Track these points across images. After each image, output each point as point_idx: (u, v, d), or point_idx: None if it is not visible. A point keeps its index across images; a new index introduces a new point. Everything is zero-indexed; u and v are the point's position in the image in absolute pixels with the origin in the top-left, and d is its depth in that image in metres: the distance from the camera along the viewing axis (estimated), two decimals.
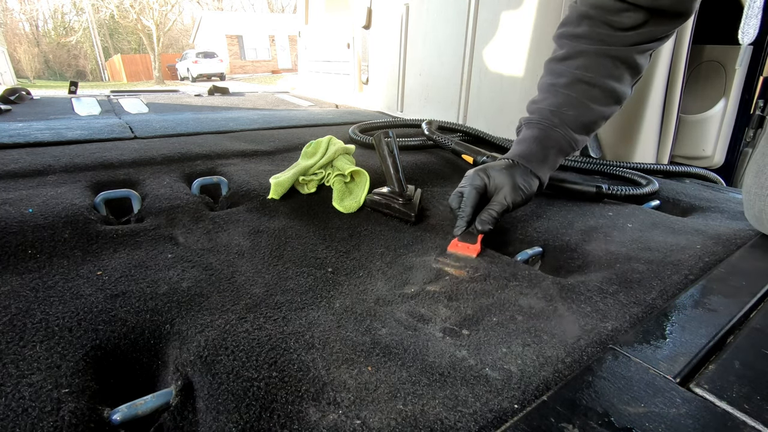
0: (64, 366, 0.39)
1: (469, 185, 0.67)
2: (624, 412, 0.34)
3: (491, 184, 0.67)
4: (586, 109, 0.70)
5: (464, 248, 0.63)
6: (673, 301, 0.51)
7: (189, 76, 17.41)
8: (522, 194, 0.67)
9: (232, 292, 0.53)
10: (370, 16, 1.97)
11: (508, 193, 0.65)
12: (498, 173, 0.67)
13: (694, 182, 1.08)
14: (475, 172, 0.68)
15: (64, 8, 27.17)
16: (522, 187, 0.67)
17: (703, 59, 1.23)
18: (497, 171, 0.67)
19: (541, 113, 0.71)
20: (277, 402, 0.36)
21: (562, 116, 0.70)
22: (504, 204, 0.65)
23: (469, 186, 0.67)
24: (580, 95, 0.69)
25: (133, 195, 0.79)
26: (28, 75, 24.61)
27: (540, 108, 0.71)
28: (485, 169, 0.68)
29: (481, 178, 0.67)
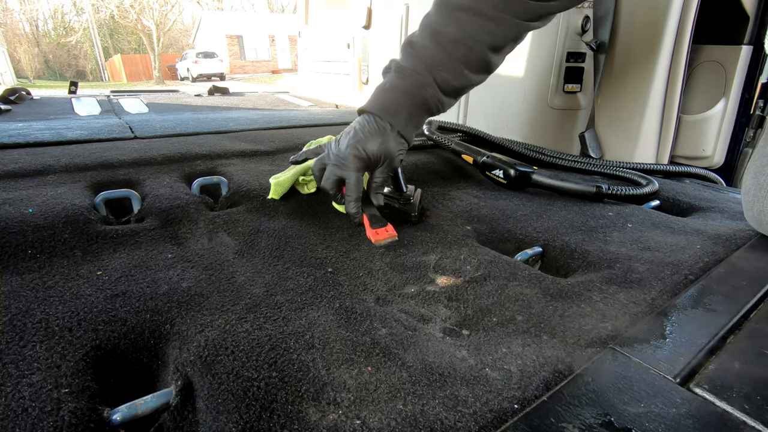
0: (64, 366, 0.39)
1: (353, 170, 0.62)
2: (624, 412, 0.34)
3: (372, 157, 0.63)
4: (461, 74, 0.64)
5: (384, 233, 0.62)
6: (673, 301, 0.51)
7: (189, 76, 17.41)
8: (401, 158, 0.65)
9: (232, 292, 0.53)
10: (370, 16, 1.97)
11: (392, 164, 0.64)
12: (375, 142, 0.62)
13: (694, 182, 1.08)
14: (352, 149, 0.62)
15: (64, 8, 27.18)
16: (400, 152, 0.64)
17: (703, 59, 1.23)
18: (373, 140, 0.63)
19: (417, 64, 0.64)
20: (277, 402, 0.36)
21: (437, 75, 0.63)
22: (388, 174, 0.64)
23: (352, 171, 0.62)
24: (460, 58, 0.64)
25: (133, 195, 0.79)
26: (28, 75, 24.61)
27: (417, 56, 0.64)
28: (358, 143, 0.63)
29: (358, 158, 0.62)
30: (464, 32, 0.63)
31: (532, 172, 0.93)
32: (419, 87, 0.63)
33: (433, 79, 0.63)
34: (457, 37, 0.63)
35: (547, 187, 0.92)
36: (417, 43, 0.65)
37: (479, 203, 0.86)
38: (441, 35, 0.63)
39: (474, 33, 0.62)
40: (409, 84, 0.63)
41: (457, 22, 0.63)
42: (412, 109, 0.63)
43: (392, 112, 0.63)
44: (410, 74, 0.63)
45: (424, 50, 0.64)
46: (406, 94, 0.63)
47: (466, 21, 0.62)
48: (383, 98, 0.64)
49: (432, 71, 0.63)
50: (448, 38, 0.63)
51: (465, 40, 0.63)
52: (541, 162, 1.15)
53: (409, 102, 0.63)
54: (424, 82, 0.63)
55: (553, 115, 1.31)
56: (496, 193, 0.92)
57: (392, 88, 0.64)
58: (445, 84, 0.64)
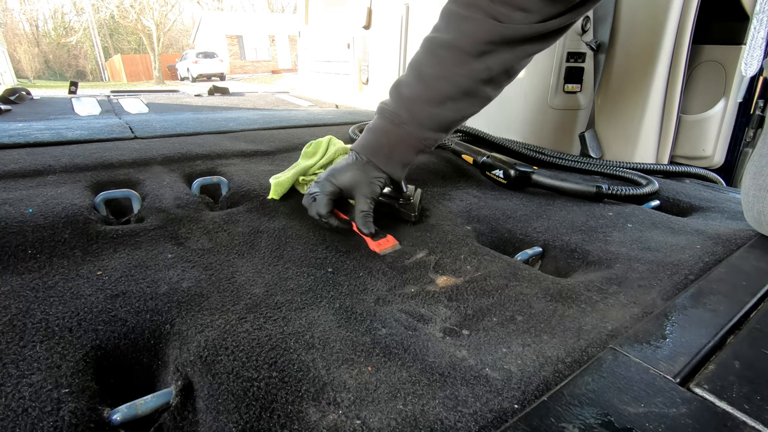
0: (64, 366, 0.39)
1: (321, 193, 0.67)
2: (624, 412, 0.34)
3: (343, 186, 0.67)
4: (447, 110, 0.66)
5: (386, 243, 0.65)
6: (673, 301, 0.51)
7: (189, 76, 17.41)
8: (379, 185, 0.67)
9: (232, 292, 0.53)
10: (370, 16, 1.97)
11: (366, 191, 0.66)
12: (348, 174, 0.67)
13: (694, 182, 1.08)
14: (326, 178, 0.68)
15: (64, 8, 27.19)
16: (376, 181, 0.66)
17: (703, 59, 1.23)
18: (347, 171, 0.67)
19: (397, 105, 0.67)
20: (277, 402, 0.36)
21: (418, 113, 0.66)
22: (366, 202, 0.66)
23: (321, 194, 0.67)
24: (445, 95, 0.65)
25: (133, 195, 0.79)
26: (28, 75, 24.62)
27: (400, 96, 0.67)
28: (335, 171, 0.68)
29: (331, 183, 0.67)
30: (445, 68, 0.64)
31: (532, 172, 0.93)
32: (397, 125, 0.66)
33: (411, 117, 0.66)
34: (438, 74, 0.65)
35: (547, 187, 0.92)
36: (402, 83, 0.68)
37: (479, 203, 0.86)
38: (423, 73, 0.66)
39: (455, 68, 0.64)
40: (387, 124, 0.67)
41: (438, 59, 0.65)
42: (392, 146, 0.67)
43: (372, 150, 0.67)
44: (389, 114, 0.67)
45: (406, 89, 0.67)
46: (385, 133, 0.67)
47: (447, 57, 0.64)
48: (366, 138, 0.68)
49: (412, 109, 0.66)
50: (430, 75, 0.65)
51: (447, 76, 0.64)
52: (541, 162, 1.15)
53: (389, 140, 0.67)
54: (402, 120, 0.66)
55: (553, 115, 1.31)
56: (496, 193, 0.92)
57: (373, 128, 0.68)
58: (430, 120, 0.66)
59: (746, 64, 0.79)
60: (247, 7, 31.99)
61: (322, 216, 0.67)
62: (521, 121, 1.39)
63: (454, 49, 0.64)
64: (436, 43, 0.65)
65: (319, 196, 0.67)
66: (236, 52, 21.30)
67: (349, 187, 0.67)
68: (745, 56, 0.79)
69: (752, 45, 0.77)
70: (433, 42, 0.66)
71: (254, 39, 21.56)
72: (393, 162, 0.68)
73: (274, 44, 21.95)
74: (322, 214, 0.67)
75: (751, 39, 0.77)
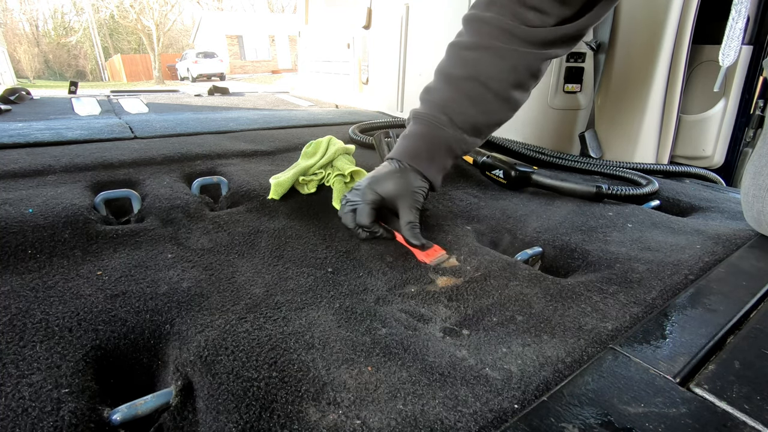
0: (64, 366, 0.39)
1: (362, 202, 0.64)
2: (624, 412, 0.34)
3: (386, 195, 0.64)
4: (478, 111, 0.66)
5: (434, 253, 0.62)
6: (673, 301, 0.51)
7: (189, 76, 17.41)
8: (422, 194, 0.65)
9: (232, 292, 0.53)
10: (370, 16, 1.97)
11: (410, 201, 0.63)
12: (390, 182, 0.64)
13: (694, 182, 1.09)
14: (367, 187, 0.64)
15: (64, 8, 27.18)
16: (419, 190, 0.64)
17: (703, 59, 1.23)
18: (388, 180, 0.64)
19: (431, 108, 0.66)
20: (277, 402, 0.36)
21: (452, 115, 0.65)
22: (412, 212, 0.63)
23: (363, 203, 0.64)
24: (474, 96, 0.65)
25: (133, 195, 0.79)
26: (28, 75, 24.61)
27: (431, 101, 0.67)
28: (376, 179, 0.65)
29: (373, 191, 0.64)
30: (472, 69, 0.64)
31: (532, 172, 0.93)
32: (436, 128, 0.65)
33: (448, 119, 0.65)
34: (465, 76, 0.65)
35: (547, 187, 0.92)
36: (431, 88, 0.67)
37: (479, 203, 0.86)
38: (451, 76, 0.66)
39: (482, 68, 0.64)
40: (425, 128, 0.66)
41: (464, 61, 0.65)
42: (431, 150, 0.65)
43: (412, 155, 0.65)
44: (426, 118, 0.66)
45: (436, 93, 0.66)
46: (423, 138, 0.65)
47: (473, 58, 0.64)
48: (403, 144, 0.66)
49: (446, 111, 0.65)
50: (458, 78, 0.65)
51: (475, 78, 0.64)
52: (541, 162, 1.15)
53: (428, 144, 0.65)
54: (440, 123, 0.65)
55: (553, 115, 1.31)
56: (496, 193, 0.92)
57: (410, 134, 0.67)
58: (463, 122, 0.65)
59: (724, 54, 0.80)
60: (247, 7, 32.00)
61: (365, 227, 0.64)
62: (521, 121, 1.39)
63: (477, 48, 0.64)
64: (461, 46, 0.66)
65: (361, 205, 0.64)
66: (236, 52, 21.30)
67: (392, 196, 0.64)
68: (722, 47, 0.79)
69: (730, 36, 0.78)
70: (457, 46, 0.66)
71: (254, 39, 21.56)
72: (434, 167, 0.66)
73: (274, 44, 21.94)
74: (364, 224, 0.64)
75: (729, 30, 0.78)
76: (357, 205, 0.64)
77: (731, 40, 0.77)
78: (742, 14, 0.76)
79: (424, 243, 0.62)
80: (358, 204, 0.64)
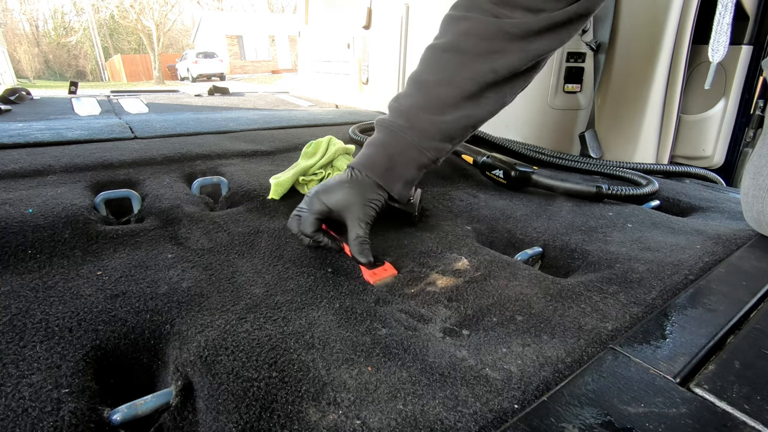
0: (64, 366, 0.39)
1: (308, 211, 0.60)
2: (624, 412, 0.34)
3: (333, 206, 0.60)
4: (450, 116, 0.61)
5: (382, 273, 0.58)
6: (673, 301, 0.51)
7: (189, 76, 17.41)
8: (374, 208, 0.60)
9: (232, 292, 0.53)
10: (370, 16, 1.97)
11: (360, 214, 0.59)
12: (339, 192, 0.60)
13: (694, 182, 1.09)
14: (315, 195, 0.61)
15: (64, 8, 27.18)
16: (371, 203, 0.60)
17: (703, 59, 1.23)
18: (338, 190, 0.60)
19: (396, 116, 0.62)
20: (277, 402, 0.36)
21: (418, 122, 0.60)
22: (361, 227, 0.59)
23: (309, 213, 0.60)
24: (445, 101, 0.60)
25: (133, 195, 0.79)
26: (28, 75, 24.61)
27: (398, 108, 0.62)
28: (325, 189, 0.61)
29: (320, 201, 0.60)
30: (446, 72, 0.60)
31: (532, 172, 0.93)
32: (397, 136, 0.61)
33: (411, 126, 0.60)
34: (439, 79, 0.60)
35: (547, 187, 0.92)
36: (400, 95, 0.64)
37: (479, 203, 0.86)
38: (422, 82, 0.62)
39: (457, 71, 0.60)
40: (386, 136, 0.62)
41: (439, 65, 0.61)
42: (391, 159, 0.61)
43: (368, 164, 0.61)
44: (388, 126, 0.62)
45: (405, 99, 0.62)
46: (384, 146, 0.61)
47: (448, 60, 0.60)
48: (363, 153, 0.63)
49: (411, 119, 0.61)
50: (430, 82, 0.61)
51: (449, 80, 0.60)
52: (541, 162, 1.15)
53: (388, 153, 0.61)
54: (402, 130, 0.61)
55: (553, 115, 1.31)
56: (496, 193, 0.92)
57: (371, 142, 0.63)
58: (432, 129, 0.61)
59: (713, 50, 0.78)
60: (247, 7, 31.99)
61: (307, 234, 0.61)
62: (521, 121, 1.39)
63: (455, 51, 0.60)
64: (437, 49, 0.62)
65: (305, 214, 0.61)
66: (236, 52, 21.31)
67: (340, 207, 0.60)
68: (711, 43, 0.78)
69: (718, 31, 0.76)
70: (433, 49, 0.63)
71: (254, 39, 21.57)
72: (392, 176, 0.61)
73: (274, 44, 21.95)
74: (306, 233, 0.61)
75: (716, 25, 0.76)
76: (302, 213, 0.61)
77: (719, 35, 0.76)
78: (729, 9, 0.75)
79: (372, 261, 0.57)
80: (303, 212, 0.61)
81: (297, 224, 0.62)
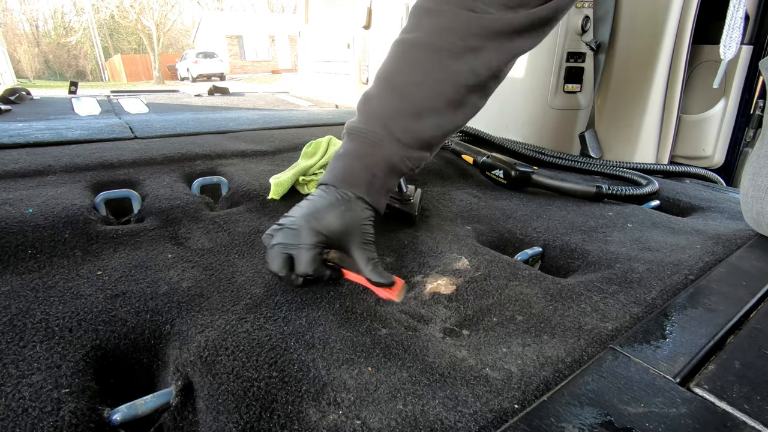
0: (64, 366, 0.39)
1: (302, 246, 0.50)
2: (624, 412, 0.34)
3: (331, 234, 0.51)
4: (427, 123, 0.55)
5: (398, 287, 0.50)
6: (673, 301, 0.51)
7: (189, 76, 17.40)
8: (371, 225, 0.53)
9: (232, 292, 0.53)
10: (370, 16, 1.97)
11: (361, 236, 0.52)
12: (333, 217, 0.51)
13: (694, 182, 1.09)
14: (306, 226, 0.50)
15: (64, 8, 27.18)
16: (367, 221, 0.53)
17: (703, 59, 1.23)
18: (331, 214, 0.51)
19: (369, 122, 0.55)
20: (277, 402, 0.36)
21: (395, 130, 0.54)
22: (368, 249, 0.52)
23: (304, 248, 0.50)
24: (422, 105, 0.54)
25: (133, 195, 0.79)
26: (28, 75, 24.61)
27: (370, 113, 0.56)
28: (315, 214, 0.51)
29: (315, 231, 0.50)
30: (421, 73, 0.54)
31: (532, 172, 0.93)
32: (373, 145, 0.54)
33: (389, 134, 0.54)
34: (413, 81, 0.55)
35: (547, 187, 0.92)
36: (371, 96, 0.57)
37: (479, 203, 0.86)
38: (395, 82, 0.56)
39: (433, 72, 0.54)
40: (361, 145, 0.55)
41: (411, 64, 0.55)
42: (370, 171, 0.54)
43: (348, 180, 0.53)
44: (362, 134, 0.55)
45: (377, 102, 0.56)
46: (360, 158, 0.55)
47: (422, 59, 0.54)
48: (337, 166, 0.55)
49: (387, 125, 0.54)
50: (404, 83, 0.55)
51: (425, 82, 0.54)
52: (541, 162, 1.15)
53: (365, 165, 0.54)
54: (379, 138, 0.54)
55: (553, 115, 1.31)
56: (496, 193, 0.92)
57: (345, 153, 0.56)
58: (409, 136, 0.55)
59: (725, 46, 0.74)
60: (247, 7, 31.98)
61: (308, 274, 0.50)
62: (521, 121, 1.39)
63: (429, 49, 0.54)
64: (408, 45, 0.56)
65: (299, 251, 0.50)
66: (236, 52, 21.31)
67: (338, 234, 0.51)
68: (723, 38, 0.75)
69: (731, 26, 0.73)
70: (403, 44, 0.56)
71: (254, 39, 21.57)
72: (375, 191, 0.54)
73: (274, 44, 21.95)
74: (307, 273, 0.50)
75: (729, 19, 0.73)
76: (293, 250, 0.50)
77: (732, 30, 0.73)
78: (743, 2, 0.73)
79: (393, 281, 0.50)
80: (294, 248, 0.50)
81: (284, 265, 0.50)
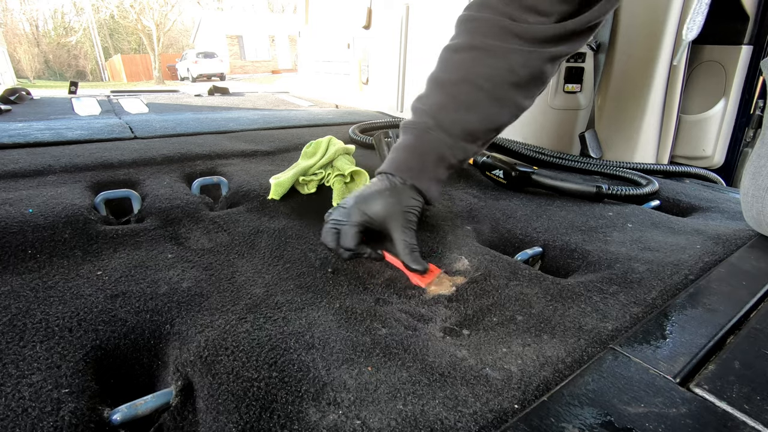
0: (64, 366, 0.39)
1: (348, 223, 0.57)
2: (624, 412, 0.34)
3: (375, 216, 0.58)
4: (472, 116, 0.60)
5: (431, 275, 0.56)
6: (673, 301, 0.51)
7: (189, 76, 17.40)
8: (415, 214, 0.59)
9: (232, 292, 0.53)
10: (370, 16, 1.97)
11: (403, 221, 0.57)
12: (379, 201, 0.58)
13: (694, 182, 1.09)
14: (354, 206, 0.58)
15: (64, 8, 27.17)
16: (412, 209, 0.59)
17: (703, 59, 1.23)
18: (377, 199, 0.58)
19: (420, 116, 0.62)
20: (277, 402, 0.36)
21: (443, 121, 0.60)
22: (408, 234, 0.57)
23: (348, 225, 0.57)
24: (466, 100, 0.60)
25: (133, 195, 0.79)
26: (28, 75, 24.59)
27: (421, 109, 0.62)
28: (364, 198, 0.59)
29: (361, 212, 0.58)
30: (463, 70, 0.60)
31: (532, 172, 0.93)
32: (425, 136, 0.61)
33: (437, 125, 0.60)
34: (457, 78, 0.61)
35: (547, 187, 0.92)
36: (422, 96, 0.64)
37: (479, 203, 0.86)
38: (442, 81, 0.62)
39: (474, 68, 0.60)
40: (412, 137, 0.62)
41: (455, 63, 0.61)
42: (422, 159, 0.60)
43: (401, 167, 0.60)
44: (414, 127, 0.62)
45: (426, 99, 0.63)
46: (413, 147, 0.61)
47: (464, 59, 0.61)
48: (393, 157, 0.62)
49: (436, 117, 0.61)
50: (449, 82, 0.61)
51: (467, 80, 0.60)
52: (541, 162, 1.15)
53: (418, 153, 0.61)
54: (429, 129, 0.60)
55: (553, 115, 1.31)
56: (496, 193, 0.92)
57: (400, 145, 0.63)
58: (456, 128, 0.60)
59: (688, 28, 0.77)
60: (247, 7, 31.97)
61: (349, 248, 0.57)
62: (521, 121, 1.38)
63: (470, 49, 0.60)
64: (452, 49, 0.62)
65: (345, 227, 0.57)
66: (236, 52, 21.30)
67: (381, 217, 0.57)
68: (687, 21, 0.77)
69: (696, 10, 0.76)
70: (448, 49, 0.63)
71: (254, 39, 21.56)
72: (426, 177, 0.60)
73: (274, 44, 21.95)
74: (348, 246, 0.57)
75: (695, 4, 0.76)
76: (341, 226, 0.58)
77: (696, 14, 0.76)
78: None
79: (427, 268, 0.56)
80: (342, 224, 0.58)
81: (334, 238, 0.58)
